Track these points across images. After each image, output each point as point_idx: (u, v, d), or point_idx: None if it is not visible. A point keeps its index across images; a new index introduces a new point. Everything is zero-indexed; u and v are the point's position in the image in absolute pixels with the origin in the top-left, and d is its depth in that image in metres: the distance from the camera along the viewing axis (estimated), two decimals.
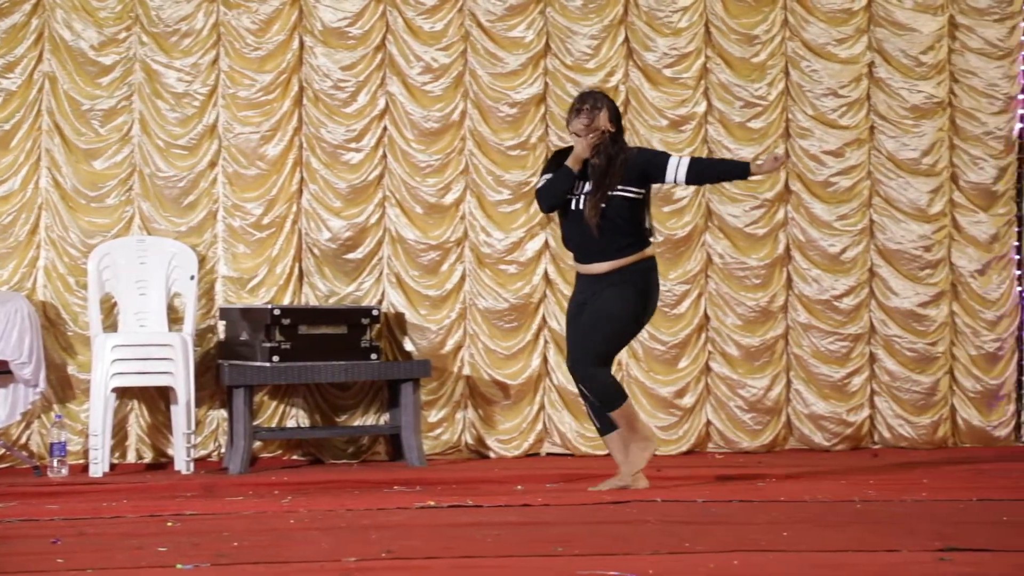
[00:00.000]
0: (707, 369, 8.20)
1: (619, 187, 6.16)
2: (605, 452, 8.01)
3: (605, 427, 6.32)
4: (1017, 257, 8.41)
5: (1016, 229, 8.44)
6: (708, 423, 8.19)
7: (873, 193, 8.35)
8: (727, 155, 8.21)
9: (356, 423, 7.91)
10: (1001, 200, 8.41)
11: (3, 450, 7.45)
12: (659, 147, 8.18)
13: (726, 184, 8.09)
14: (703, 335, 8.20)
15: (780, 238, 8.29)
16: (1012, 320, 8.39)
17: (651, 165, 6.25)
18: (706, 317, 8.22)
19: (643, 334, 8.12)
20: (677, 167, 6.23)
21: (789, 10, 8.31)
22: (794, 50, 8.31)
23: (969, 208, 8.39)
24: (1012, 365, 8.38)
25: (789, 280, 8.29)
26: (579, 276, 6.38)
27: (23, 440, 7.56)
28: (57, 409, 7.52)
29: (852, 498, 6.03)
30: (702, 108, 8.23)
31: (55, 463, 7.20)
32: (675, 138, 8.19)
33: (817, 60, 8.31)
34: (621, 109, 8.14)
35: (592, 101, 6.21)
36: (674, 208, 8.19)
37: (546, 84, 8.12)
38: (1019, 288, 8.41)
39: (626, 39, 8.20)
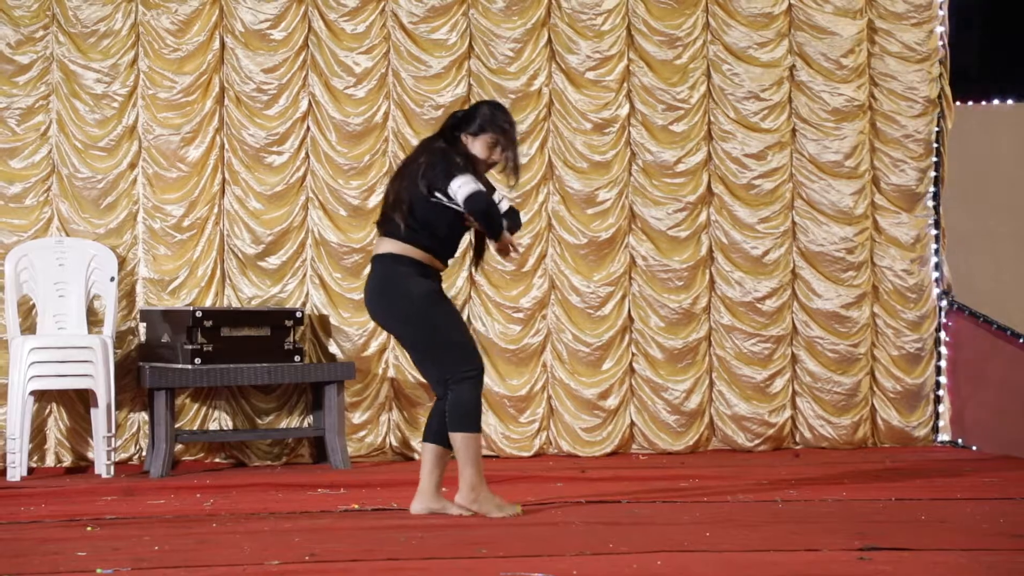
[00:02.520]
0: (631, 371, 8.23)
1: None
2: (530, 454, 8.04)
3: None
4: (935, 259, 8.53)
5: (935, 232, 8.55)
6: (632, 424, 8.22)
7: (795, 196, 8.43)
8: (649, 158, 8.25)
9: (280, 425, 7.86)
10: (922, 202, 8.52)
11: None
12: (584, 151, 8.21)
13: (651, 192, 8.15)
14: (627, 337, 8.23)
15: (703, 240, 8.34)
16: (932, 321, 8.50)
17: None
18: (630, 319, 8.25)
19: (567, 336, 8.15)
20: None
21: (711, 13, 8.36)
22: (716, 53, 8.37)
23: (891, 210, 8.50)
24: (931, 366, 8.49)
25: (712, 282, 8.35)
26: (436, 274, 5.72)
27: None
28: None
29: (774, 498, 6.09)
30: (625, 111, 8.26)
31: None
32: (599, 141, 8.22)
33: (739, 63, 8.38)
34: (545, 112, 8.19)
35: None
36: (597, 210, 8.22)
37: (470, 86, 8.12)
38: (938, 290, 8.52)
39: (549, 41, 8.21)
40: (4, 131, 7.61)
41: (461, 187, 5.45)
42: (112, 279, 7.51)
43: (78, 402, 7.54)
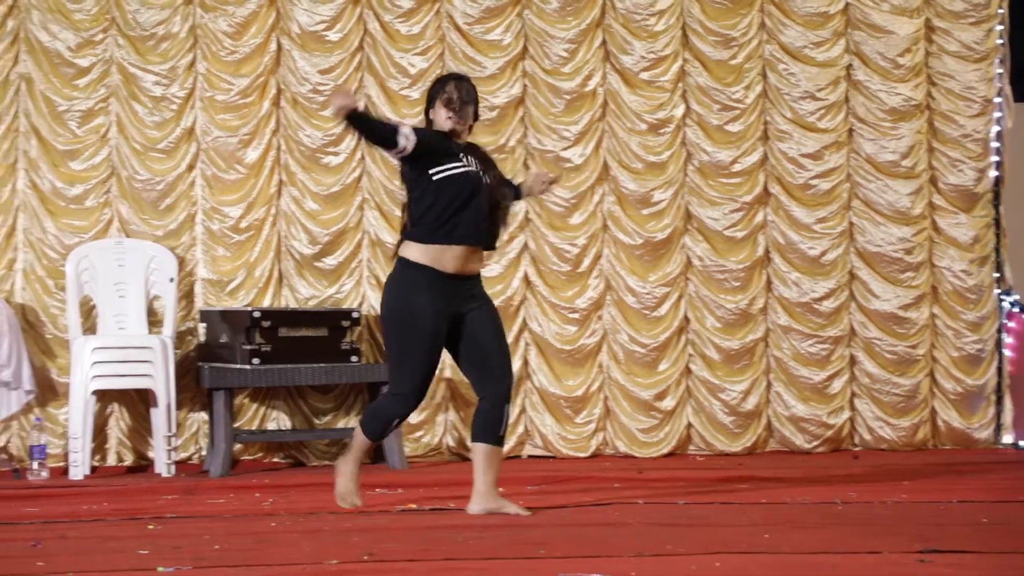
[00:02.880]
0: (687, 371, 8.21)
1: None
2: (587, 454, 8.04)
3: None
4: (997, 259, 8.44)
5: (995, 231, 8.47)
6: (689, 426, 8.20)
7: (852, 196, 8.37)
8: (705, 158, 8.23)
9: (337, 425, 7.89)
10: (981, 202, 8.45)
11: None
12: (639, 151, 8.20)
13: (707, 192, 8.15)
14: (683, 337, 8.21)
15: (759, 241, 8.30)
16: (993, 322, 8.42)
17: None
18: (686, 320, 8.23)
19: (623, 336, 8.14)
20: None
21: (766, 13, 8.33)
22: (771, 53, 8.33)
23: (949, 210, 8.43)
24: (992, 367, 8.41)
25: (769, 283, 8.31)
26: (441, 277, 5.53)
27: (2, 443, 7.53)
28: (37, 412, 7.49)
29: (833, 500, 6.05)
30: (680, 111, 8.24)
31: (35, 466, 7.17)
32: (654, 141, 8.20)
33: (795, 63, 8.33)
34: (599, 112, 8.18)
35: (467, 93, 5.64)
36: (653, 211, 8.20)
37: (525, 87, 8.13)
38: (998, 291, 8.44)
39: (603, 42, 8.21)
40: (65, 133, 7.70)
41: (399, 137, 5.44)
42: (171, 280, 7.57)
43: (139, 402, 7.62)
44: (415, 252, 5.52)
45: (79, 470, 7.18)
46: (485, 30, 8.10)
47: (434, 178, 5.49)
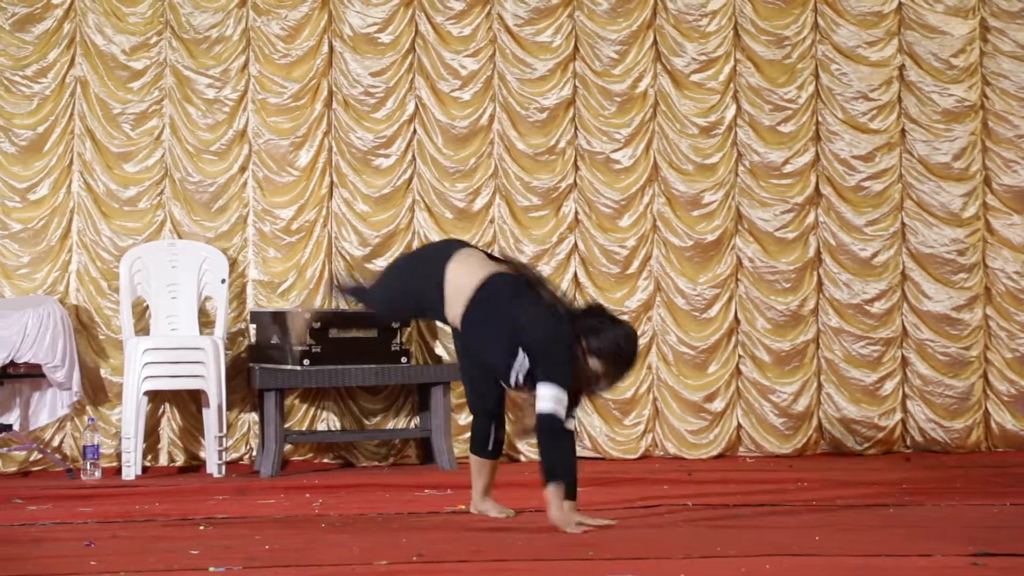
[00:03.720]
0: (737, 373, 8.18)
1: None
2: (636, 456, 8.02)
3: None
4: None
5: None
6: (739, 427, 8.17)
7: (905, 197, 8.31)
8: (756, 159, 8.20)
9: (387, 426, 7.92)
10: None
11: (37, 453, 7.49)
12: (689, 153, 8.17)
13: (758, 193, 8.12)
14: (733, 339, 8.18)
15: (810, 242, 8.26)
16: None
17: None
18: (736, 321, 8.20)
19: (673, 338, 8.12)
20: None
21: (819, 12, 8.28)
22: (824, 53, 8.28)
23: (1003, 211, 8.35)
24: None
25: (820, 284, 8.26)
26: None
27: (56, 443, 7.61)
28: (90, 412, 7.57)
29: (884, 502, 6.01)
30: (732, 112, 8.22)
31: (88, 466, 7.25)
32: (705, 143, 8.18)
33: (847, 63, 8.28)
34: (650, 114, 8.16)
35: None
36: (703, 212, 8.18)
37: (575, 88, 8.12)
38: None
39: (654, 43, 8.19)
40: (119, 135, 7.77)
41: (544, 395, 5.14)
42: (223, 281, 7.62)
43: (190, 402, 7.67)
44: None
45: (131, 470, 7.24)
46: (535, 31, 8.10)
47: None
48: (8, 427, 7.27)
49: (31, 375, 7.31)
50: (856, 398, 8.21)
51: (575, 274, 8.09)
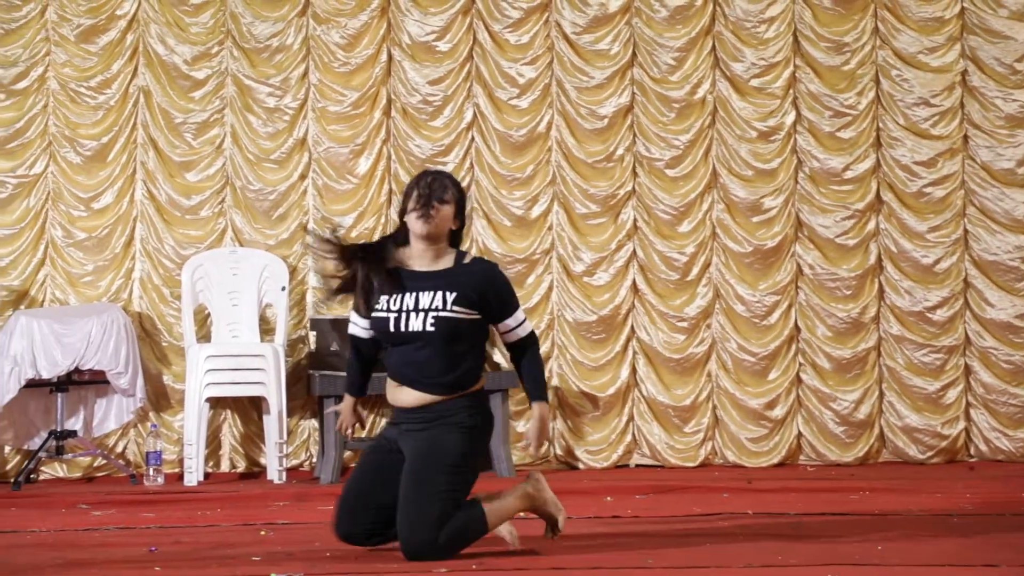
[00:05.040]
0: (798, 380, 8.13)
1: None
2: (695, 464, 7.99)
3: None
4: None
5: None
6: (799, 435, 8.12)
7: (967, 203, 8.23)
8: (816, 165, 8.16)
9: None
10: None
11: (101, 459, 7.58)
12: (748, 158, 8.14)
13: (818, 199, 8.07)
14: (793, 346, 8.13)
15: (871, 249, 8.20)
16: None
17: (495, 298, 4.88)
18: (796, 328, 8.15)
19: (733, 345, 8.09)
20: (519, 326, 4.92)
21: (879, 18, 8.23)
22: (884, 59, 8.22)
23: None
24: None
25: (881, 291, 8.20)
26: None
27: (120, 449, 7.69)
28: (153, 419, 7.64)
29: (948, 512, 5.95)
30: (791, 118, 8.18)
31: (151, 472, 7.31)
32: (764, 148, 8.14)
33: (908, 69, 8.22)
34: (709, 120, 8.14)
35: (439, 190, 4.79)
36: (763, 218, 8.14)
37: (633, 95, 8.12)
38: None
39: (713, 49, 8.17)
40: (181, 145, 7.84)
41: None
42: (283, 289, 7.68)
43: (251, 409, 7.73)
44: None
45: (193, 476, 7.30)
46: (594, 39, 8.10)
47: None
48: (73, 433, 7.35)
49: (95, 382, 7.40)
50: (918, 406, 8.14)
51: (634, 281, 8.08)
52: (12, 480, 7.25)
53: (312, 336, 7.81)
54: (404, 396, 4.84)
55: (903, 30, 8.22)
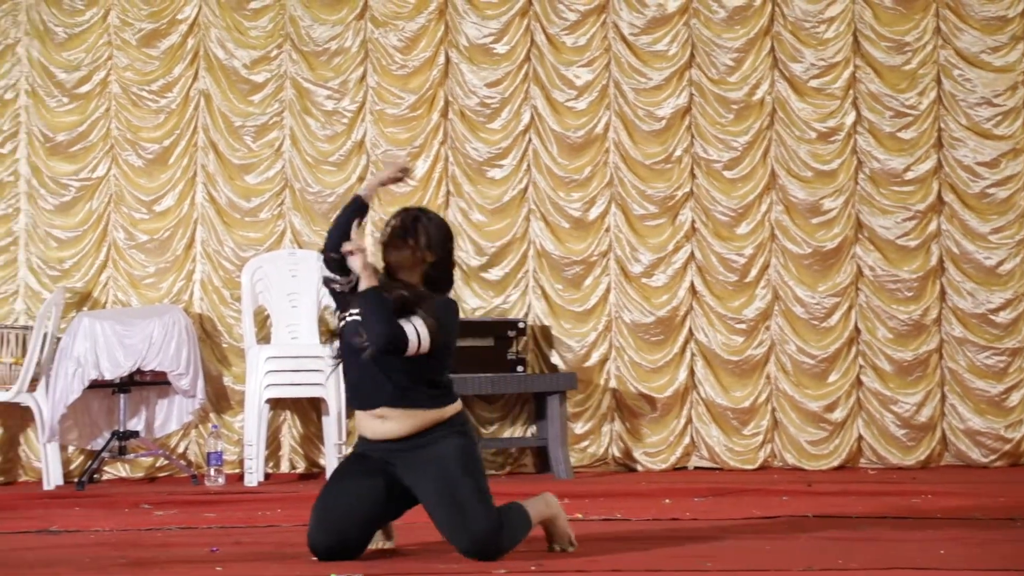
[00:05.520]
0: (858, 383, 8.07)
1: None
2: (754, 467, 7.95)
3: None
4: None
5: None
6: (860, 438, 8.06)
7: None
8: (876, 166, 8.10)
9: (503, 435, 7.95)
10: None
11: (163, 459, 7.65)
12: (808, 159, 8.09)
13: (879, 200, 8.02)
14: (854, 348, 8.08)
15: (933, 250, 8.13)
16: None
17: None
18: (856, 330, 8.09)
19: (792, 347, 8.04)
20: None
21: (941, 18, 8.16)
22: (946, 58, 8.15)
23: None
24: None
25: (943, 293, 8.13)
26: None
27: (181, 449, 7.76)
28: (214, 419, 7.70)
29: (1011, 516, 5.88)
30: (851, 119, 8.12)
31: (212, 472, 7.37)
32: (823, 149, 8.10)
33: (970, 68, 8.14)
34: (768, 121, 8.09)
35: (412, 226, 4.77)
36: (822, 220, 8.09)
37: (691, 96, 8.09)
38: None
39: (772, 50, 8.13)
40: (241, 148, 7.90)
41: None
42: None
43: (310, 410, 7.77)
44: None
45: (254, 477, 7.35)
46: (652, 40, 8.09)
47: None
48: (136, 433, 7.43)
49: (157, 383, 7.46)
50: (981, 409, 8.05)
51: (692, 283, 8.05)
52: (76, 480, 7.33)
53: None
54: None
55: (965, 29, 8.15)
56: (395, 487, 4.70)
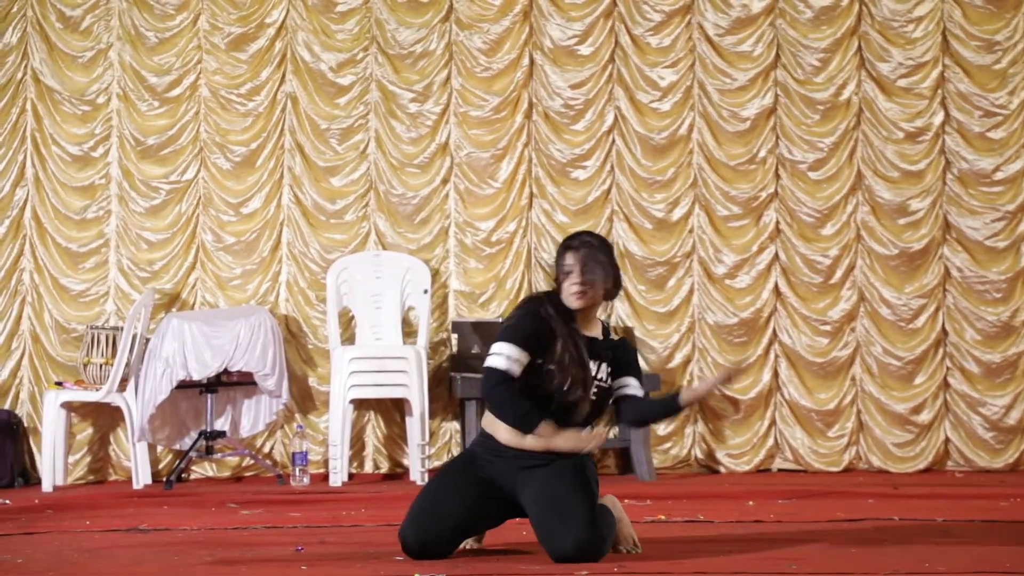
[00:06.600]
0: (945, 385, 7.98)
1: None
2: (839, 469, 7.89)
3: None
4: None
5: None
6: (947, 441, 7.96)
7: None
8: (965, 166, 8.00)
9: None
10: None
11: (249, 458, 7.74)
12: (895, 160, 8.01)
13: (967, 201, 7.91)
14: (940, 350, 7.98)
15: (1022, 251, 8.01)
16: None
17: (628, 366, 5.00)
18: (944, 332, 8.00)
19: (878, 349, 7.97)
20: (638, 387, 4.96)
21: None
22: None
23: None
24: None
25: None
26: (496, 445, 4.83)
27: (267, 449, 7.84)
28: (299, 420, 7.78)
29: None
30: (939, 119, 8.03)
31: (297, 472, 7.45)
32: (911, 149, 8.01)
33: None
34: (854, 121, 8.03)
35: (590, 265, 4.88)
36: (910, 220, 8.01)
37: (776, 97, 8.04)
38: None
39: (859, 50, 8.05)
40: (326, 150, 7.98)
41: (489, 356, 4.78)
42: (425, 291, 7.76)
43: (394, 410, 7.83)
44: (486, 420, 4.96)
45: (338, 477, 7.41)
46: (736, 41, 8.05)
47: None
48: (222, 433, 7.52)
49: (243, 383, 7.55)
50: None
51: (776, 284, 8.01)
52: (165, 479, 7.44)
53: (454, 339, 7.88)
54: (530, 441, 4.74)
55: None
56: (500, 495, 4.73)
